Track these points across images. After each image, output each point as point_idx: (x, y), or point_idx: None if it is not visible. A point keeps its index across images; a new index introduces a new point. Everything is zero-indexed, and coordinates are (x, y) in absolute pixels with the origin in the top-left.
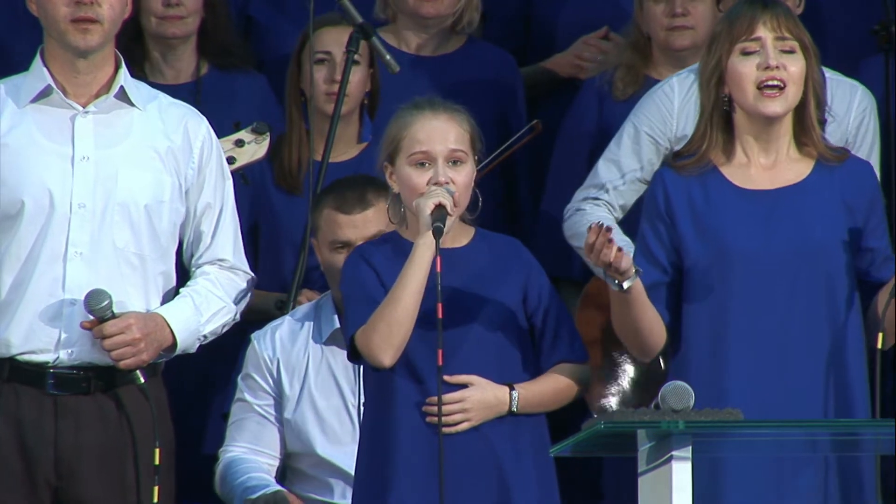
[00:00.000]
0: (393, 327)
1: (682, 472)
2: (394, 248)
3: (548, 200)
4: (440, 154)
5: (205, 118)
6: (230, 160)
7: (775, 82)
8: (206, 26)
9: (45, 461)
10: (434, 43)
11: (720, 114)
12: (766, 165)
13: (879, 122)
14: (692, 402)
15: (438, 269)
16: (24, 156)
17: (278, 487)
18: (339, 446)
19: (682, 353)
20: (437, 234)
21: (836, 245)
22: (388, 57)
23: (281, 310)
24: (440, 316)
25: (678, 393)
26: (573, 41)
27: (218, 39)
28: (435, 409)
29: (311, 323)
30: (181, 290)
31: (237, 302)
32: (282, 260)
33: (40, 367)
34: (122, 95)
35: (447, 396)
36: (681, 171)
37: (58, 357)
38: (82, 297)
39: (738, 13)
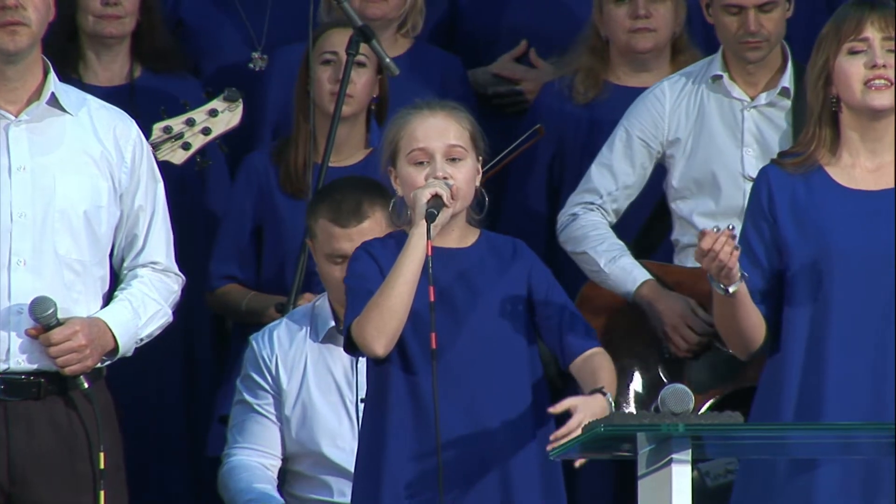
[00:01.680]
0: (386, 316)
1: (681, 476)
2: (398, 244)
3: (509, 205)
4: (438, 150)
5: (134, 121)
6: (206, 131)
7: (882, 81)
8: (141, 29)
9: None
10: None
11: (828, 115)
12: (872, 166)
13: None
14: (692, 405)
15: (429, 252)
16: None
17: (282, 502)
18: (338, 444)
19: (780, 355)
20: (430, 219)
21: None
22: (388, 60)
23: (281, 312)
24: (432, 299)
25: (678, 396)
26: (504, 47)
27: (153, 42)
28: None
29: (309, 323)
30: (116, 293)
31: (171, 304)
32: (286, 263)
33: None
34: (54, 102)
35: (564, 435)
36: (786, 168)
37: (8, 366)
38: (28, 305)
39: (845, 14)
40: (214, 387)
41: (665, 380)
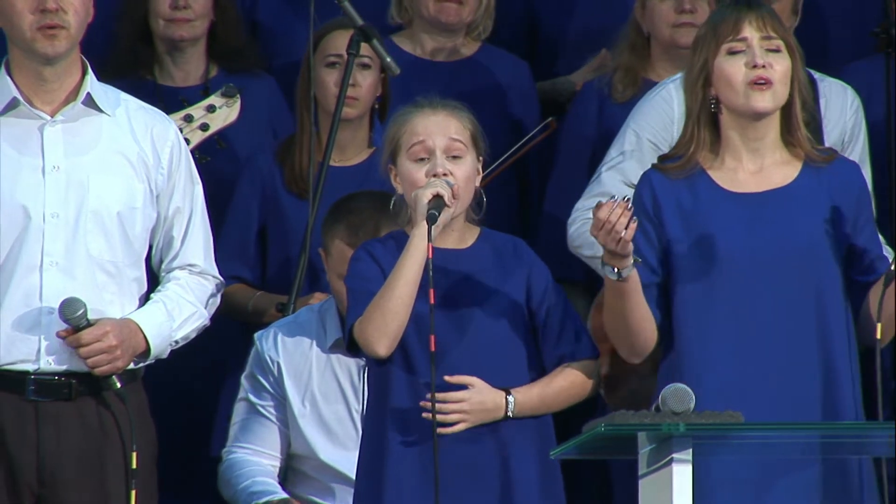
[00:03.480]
0: (387, 316)
1: (682, 475)
2: (398, 244)
3: (550, 203)
4: (438, 146)
5: (173, 122)
6: (204, 127)
7: (763, 80)
8: (216, 29)
9: (28, 467)
10: (449, 48)
11: (707, 116)
12: (754, 168)
13: (868, 124)
14: (693, 405)
15: (430, 255)
16: None
17: (284, 495)
18: (342, 451)
19: (673, 357)
20: (431, 220)
21: (824, 248)
22: (388, 59)
23: (281, 312)
24: (432, 301)
25: (679, 395)
26: (579, 49)
27: (227, 42)
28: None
29: (316, 329)
30: (152, 295)
31: (207, 307)
32: (290, 263)
33: (21, 375)
34: (90, 102)
35: (447, 395)
36: (668, 173)
37: (39, 366)
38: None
39: (722, 14)
40: (215, 387)
41: None
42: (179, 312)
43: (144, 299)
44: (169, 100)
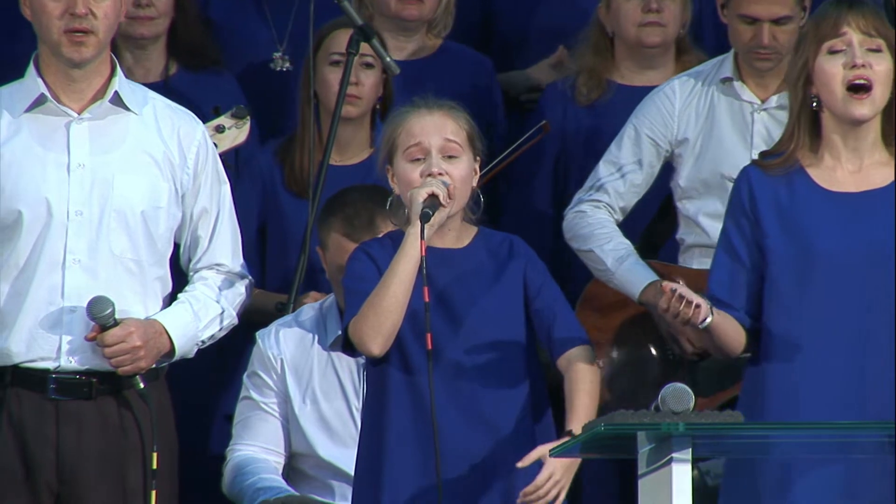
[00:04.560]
0: (381, 315)
1: (682, 475)
2: (395, 244)
3: (512, 207)
4: (434, 146)
5: (200, 122)
6: None
7: (862, 81)
8: (176, 27)
9: (47, 466)
10: (411, 46)
11: (808, 114)
12: (853, 168)
13: None
14: (692, 404)
15: (423, 252)
16: (21, 165)
17: (292, 491)
18: (342, 449)
19: (762, 355)
20: (424, 219)
21: None
22: (388, 59)
23: (281, 312)
24: (427, 299)
25: (678, 395)
26: (536, 47)
27: (187, 39)
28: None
29: (317, 328)
30: (179, 295)
31: (235, 307)
32: (289, 262)
33: (42, 373)
34: (117, 100)
35: (537, 484)
36: (767, 170)
37: (59, 364)
38: (81, 304)
39: (824, 13)
40: (215, 386)
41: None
42: (206, 313)
43: (170, 299)
44: None
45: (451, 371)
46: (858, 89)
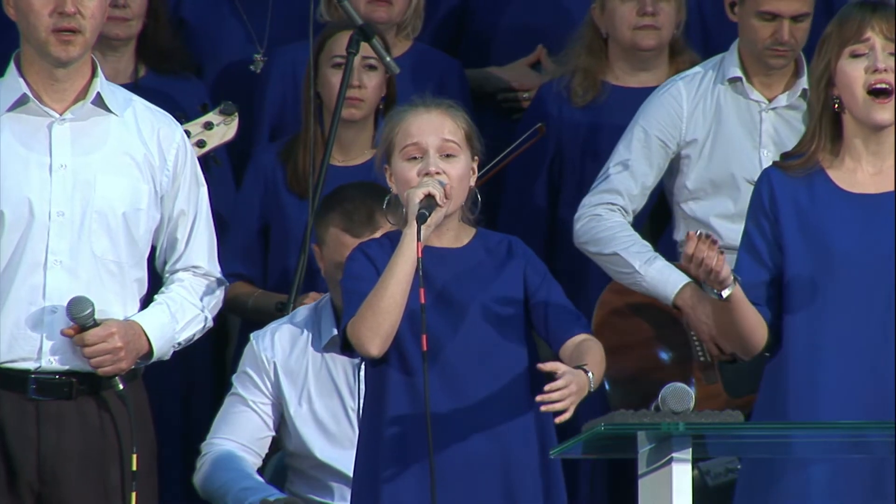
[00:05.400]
0: (379, 316)
1: (682, 474)
2: (393, 244)
3: (508, 200)
4: (432, 145)
5: (180, 125)
6: (200, 144)
7: (884, 85)
8: (147, 30)
9: (28, 466)
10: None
11: (829, 115)
12: (873, 170)
13: None
14: (692, 404)
15: (419, 253)
16: (2, 166)
17: (281, 494)
18: (339, 449)
19: (781, 357)
20: (421, 220)
21: None
22: (388, 59)
23: (281, 311)
24: (423, 300)
25: (678, 395)
26: (511, 45)
27: (158, 43)
28: (546, 397)
29: (311, 329)
30: (156, 296)
31: (211, 309)
32: (291, 262)
33: (23, 373)
34: (99, 102)
35: (554, 385)
36: (788, 171)
37: (40, 365)
38: (63, 305)
39: (847, 15)
40: (215, 386)
41: (702, 382)
42: (183, 314)
43: (146, 300)
44: None
45: (451, 371)
46: (880, 94)
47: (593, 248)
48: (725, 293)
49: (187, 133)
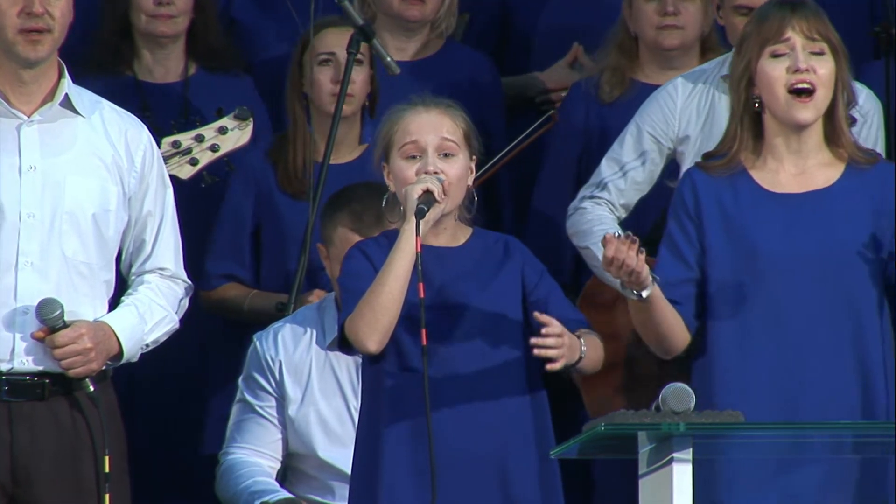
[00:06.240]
0: (378, 312)
1: (682, 475)
2: (391, 242)
3: (538, 201)
4: (430, 144)
5: (145, 126)
6: (214, 148)
7: (805, 85)
8: (196, 28)
9: (2, 467)
10: (413, 46)
11: (750, 115)
12: (796, 170)
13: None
14: (693, 404)
15: (418, 249)
16: None
17: (286, 494)
18: (341, 449)
19: (707, 356)
20: (419, 215)
21: (862, 250)
22: (388, 59)
23: (281, 312)
24: (422, 294)
25: (678, 395)
26: (551, 46)
27: (207, 41)
28: (541, 341)
29: (315, 327)
30: (123, 298)
31: (178, 311)
32: (286, 262)
33: None
34: (67, 103)
35: (549, 331)
36: (710, 171)
37: (13, 366)
38: (34, 306)
39: (766, 15)
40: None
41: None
42: (151, 316)
43: (113, 302)
44: (149, 95)
45: (449, 369)
46: (801, 93)
47: (575, 241)
48: (645, 293)
49: (201, 137)
